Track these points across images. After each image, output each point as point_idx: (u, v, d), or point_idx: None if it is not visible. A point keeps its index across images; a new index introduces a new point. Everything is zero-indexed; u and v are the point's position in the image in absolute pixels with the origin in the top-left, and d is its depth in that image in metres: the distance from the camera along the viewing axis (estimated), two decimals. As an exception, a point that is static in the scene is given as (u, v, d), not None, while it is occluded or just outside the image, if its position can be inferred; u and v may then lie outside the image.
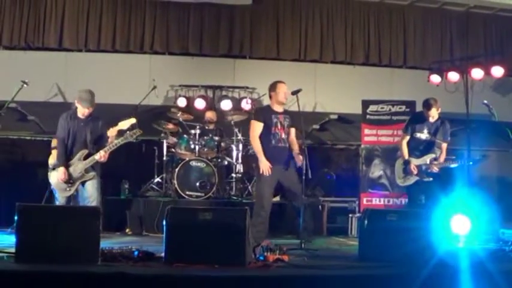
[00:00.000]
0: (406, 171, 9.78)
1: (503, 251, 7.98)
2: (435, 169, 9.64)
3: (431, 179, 9.64)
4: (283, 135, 9.12)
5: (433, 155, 9.72)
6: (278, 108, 9.21)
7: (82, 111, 8.76)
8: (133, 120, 9.47)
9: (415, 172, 9.64)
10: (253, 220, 8.33)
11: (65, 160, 8.72)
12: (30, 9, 13.56)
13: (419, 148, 9.83)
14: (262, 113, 9.36)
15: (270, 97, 9.33)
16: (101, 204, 8.73)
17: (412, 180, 9.75)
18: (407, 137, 9.86)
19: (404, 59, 14.84)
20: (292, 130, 9.32)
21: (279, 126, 9.11)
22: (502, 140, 9.78)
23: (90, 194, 8.71)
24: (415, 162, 9.70)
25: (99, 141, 8.87)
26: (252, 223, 7.97)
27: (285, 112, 9.31)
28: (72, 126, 8.80)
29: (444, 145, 9.84)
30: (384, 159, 11.73)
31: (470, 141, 11.23)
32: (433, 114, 9.67)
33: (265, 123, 9.10)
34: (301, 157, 9.05)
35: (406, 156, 9.78)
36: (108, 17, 13.82)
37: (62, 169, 8.66)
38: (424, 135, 9.79)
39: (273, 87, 9.29)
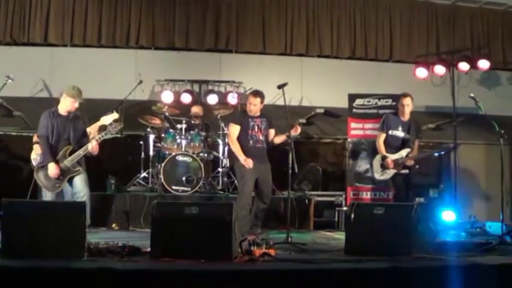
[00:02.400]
0: (384, 166, 10.02)
1: (490, 243, 7.99)
2: (410, 162, 9.90)
3: (407, 171, 9.91)
4: (261, 137, 9.41)
5: (408, 150, 9.99)
6: (254, 114, 9.44)
7: (66, 108, 8.74)
8: (115, 115, 9.43)
9: (392, 166, 9.91)
10: (237, 212, 8.36)
11: (52, 157, 8.68)
12: (15, 4, 13.55)
13: (395, 145, 10.13)
14: (239, 116, 9.73)
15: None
16: (89, 199, 8.71)
17: (390, 173, 10.01)
18: (384, 135, 10.19)
19: (391, 52, 14.90)
20: (272, 131, 9.58)
21: (256, 129, 9.39)
22: (489, 133, 9.81)
23: (80, 189, 8.67)
24: (391, 156, 9.97)
25: (82, 139, 8.85)
26: (236, 216, 8.00)
27: (262, 116, 9.52)
28: (56, 123, 8.76)
29: (416, 141, 10.16)
30: (370, 152, 11.68)
31: (456, 135, 11.34)
32: (407, 103, 10.02)
33: (242, 125, 9.37)
34: (298, 127, 9.36)
35: (384, 152, 10.08)
36: (93, 12, 13.80)
37: (52, 164, 8.61)
38: (399, 132, 10.11)
39: (247, 97, 9.61)
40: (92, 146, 8.62)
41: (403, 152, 9.95)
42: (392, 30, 14.92)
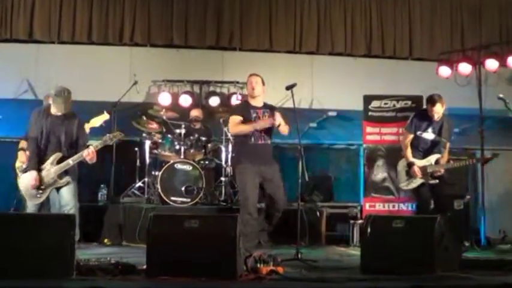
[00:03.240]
0: (410, 174, 9.79)
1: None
2: (440, 171, 9.67)
3: (436, 181, 9.66)
4: (263, 132, 8.99)
5: (438, 155, 9.77)
6: (256, 103, 9.15)
7: (56, 108, 8.64)
8: (106, 116, 9.43)
9: (419, 174, 9.67)
10: (241, 228, 8.30)
11: (38, 162, 8.56)
12: (-5, -5, 13.54)
13: (424, 148, 9.89)
14: (240, 108, 9.47)
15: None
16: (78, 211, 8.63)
17: (417, 183, 9.77)
18: (411, 136, 9.91)
19: (410, 49, 14.86)
20: (277, 114, 9.01)
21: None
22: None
23: (67, 201, 8.51)
24: (419, 163, 9.73)
25: (76, 143, 8.64)
26: (240, 232, 7.93)
27: (265, 106, 9.20)
28: (46, 124, 8.58)
29: (448, 145, 9.91)
30: (388, 160, 11.69)
31: (483, 140, 11.26)
32: (438, 111, 9.70)
33: (243, 118, 9.04)
34: (278, 115, 8.91)
35: (410, 158, 9.81)
36: (83, 5, 13.79)
37: (33, 173, 8.43)
38: (428, 134, 9.81)
39: (247, 81, 9.36)
40: (88, 153, 8.43)
41: (432, 158, 9.72)
42: (412, 24, 14.89)
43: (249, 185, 8.87)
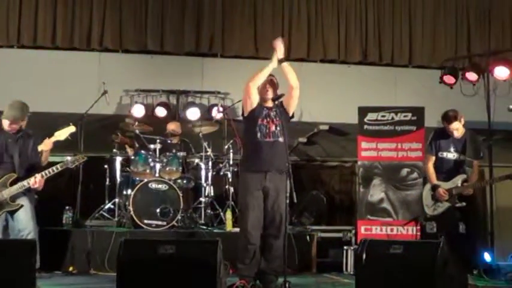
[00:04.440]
0: (435, 198, 9.82)
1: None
2: (468, 192, 9.68)
3: (464, 204, 9.67)
4: (274, 129, 8.68)
5: (464, 176, 9.78)
6: (267, 104, 8.86)
7: (8, 125, 8.67)
8: (72, 129, 9.41)
9: (446, 197, 9.70)
10: (240, 257, 8.33)
11: None
12: None
13: (447, 169, 9.91)
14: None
15: None
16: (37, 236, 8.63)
17: (443, 207, 9.79)
18: (433, 158, 9.99)
19: (410, 56, 14.95)
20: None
21: (268, 119, 8.73)
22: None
23: (24, 225, 8.57)
24: (444, 186, 9.76)
25: (30, 164, 8.77)
26: (239, 260, 7.96)
27: (276, 106, 8.78)
28: None
29: (476, 163, 9.93)
30: (386, 178, 11.73)
31: (492, 156, 11.29)
32: (456, 128, 9.77)
33: (252, 112, 8.79)
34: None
35: (434, 180, 9.88)
36: (46, 4, 13.76)
37: None
38: (451, 153, 9.89)
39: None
40: (35, 182, 8.54)
41: (458, 180, 9.73)
42: (413, 28, 14.99)
43: (250, 204, 8.59)
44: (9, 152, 8.63)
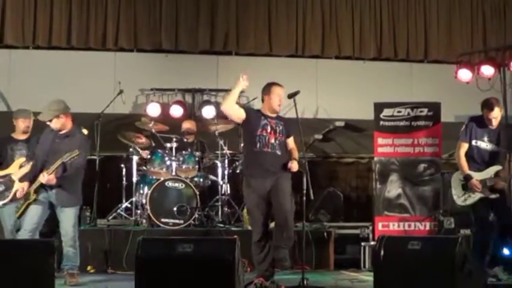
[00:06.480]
0: (467, 188, 9.57)
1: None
2: (501, 184, 9.51)
3: (497, 195, 9.48)
4: (273, 141, 8.72)
5: (499, 167, 9.54)
6: (270, 114, 8.96)
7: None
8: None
9: (480, 188, 9.44)
10: (254, 256, 8.34)
11: None
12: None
13: (481, 159, 9.66)
14: (249, 111, 9.23)
15: (263, 100, 9.12)
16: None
17: (475, 198, 9.50)
18: (466, 145, 9.68)
19: (426, 51, 14.88)
20: (290, 139, 8.98)
21: (268, 130, 8.77)
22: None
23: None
24: (477, 176, 9.51)
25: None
26: (254, 260, 7.97)
27: (278, 118, 8.99)
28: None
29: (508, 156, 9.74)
30: (403, 174, 11.69)
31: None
32: (496, 116, 9.50)
33: (250, 121, 8.82)
34: (295, 164, 8.65)
35: (466, 170, 9.57)
36: (61, 5, 13.78)
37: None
38: (484, 143, 9.64)
39: (267, 89, 9.04)
40: (44, 178, 8.79)
41: (492, 170, 9.49)
42: (428, 22, 14.92)
43: (253, 206, 8.71)
44: (53, 151, 8.81)
